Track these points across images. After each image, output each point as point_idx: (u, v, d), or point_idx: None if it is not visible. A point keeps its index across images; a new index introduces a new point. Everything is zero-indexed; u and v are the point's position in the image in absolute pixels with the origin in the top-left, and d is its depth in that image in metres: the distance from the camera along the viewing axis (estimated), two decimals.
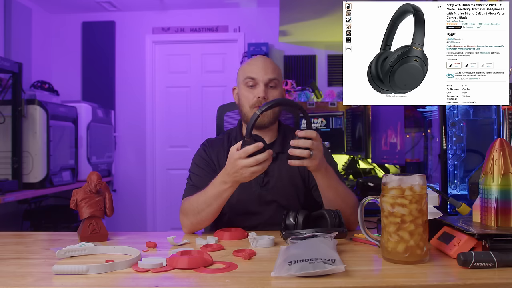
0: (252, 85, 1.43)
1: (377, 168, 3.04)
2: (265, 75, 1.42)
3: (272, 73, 1.43)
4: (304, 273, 0.83)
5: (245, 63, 1.50)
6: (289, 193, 1.44)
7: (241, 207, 1.45)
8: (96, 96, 4.28)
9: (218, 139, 1.56)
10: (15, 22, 3.77)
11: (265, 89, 1.42)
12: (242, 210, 1.45)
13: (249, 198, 1.45)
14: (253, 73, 1.43)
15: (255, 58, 1.48)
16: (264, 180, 1.45)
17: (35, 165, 2.90)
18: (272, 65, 1.46)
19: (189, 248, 1.09)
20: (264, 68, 1.43)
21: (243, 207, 1.45)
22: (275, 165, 1.47)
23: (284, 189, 1.44)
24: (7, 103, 2.78)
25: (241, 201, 1.45)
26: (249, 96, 1.44)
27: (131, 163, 4.43)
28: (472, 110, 1.53)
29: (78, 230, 1.26)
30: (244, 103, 1.45)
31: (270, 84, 1.43)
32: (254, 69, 1.44)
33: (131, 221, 4.34)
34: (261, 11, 4.41)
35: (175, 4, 4.32)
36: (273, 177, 1.45)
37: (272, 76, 1.43)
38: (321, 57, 4.43)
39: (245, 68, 1.47)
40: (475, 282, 0.81)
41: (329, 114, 3.51)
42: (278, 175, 1.46)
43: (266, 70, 1.43)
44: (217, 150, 1.51)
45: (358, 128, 3.11)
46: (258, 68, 1.43)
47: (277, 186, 1.44)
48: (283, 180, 1.46)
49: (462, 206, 1.16)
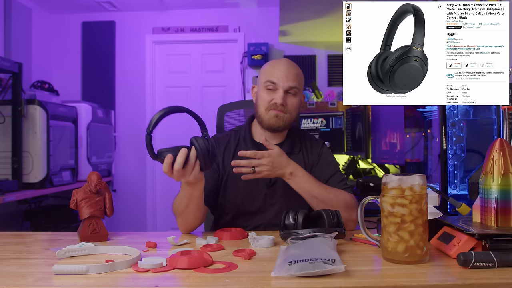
0: (272, 89, 1.43)
1: (377, 168, 3.04)
2: (286, 82, 1.41)
3: (293, 81, 1.42)
4: (304, 273, 0.83)
5: (269, 64, 1.48)
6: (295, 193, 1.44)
7: (246, 206, 1.45)
8: (96, 96, 4.28)
9: (224, 136, 1.55)
10: (15, 22, 3.77)
11: (284, 96, 1.41)
12: (246, 209, 1.45)
13: (255, 198, 1.45)
14: (275, 77, 1.42)
15: (279, 62, 1.46)
16: (271, 180, 1.45)
17: (35, 165, 2.90)
18: (295, 72, 1.45)
19: (189, 248, 1.09)
20: (286, 74, 1.42)
21: (248, 207, 1.45)
22: None
23: (290, 190, 1.44)
24: (7, 103, 2.78)
25: (247, 201, 1.45)
26: (266, 98, 1.43)
27: (131, 163, 4.43)
28: (472, 110, 1.53)
29: (78, 230, 1.26)
30: (261, 105, 1.45)
31: (290, 91, 1.43)
32: (276, 73, 1.42)
33: (131, 221, 4.34)
34: (261, 11, 4.41)
35: (175, 4, 4.32)
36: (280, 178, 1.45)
37: (293, 84, 1.42)
38: (321, 57, 4.43)
39: (268, 70, 1.45)
40: (475, 282, 0.81)
41: (329, 114, 3.51)
42: None
43: (288, 76, 1.42)
44: (223, 148, 1.50)
45: (358, 128, 3.11)
46: (280, 73, 1.42)
47: (284, 186, 1.44)
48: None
49: (462, 206, 1.16)
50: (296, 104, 1.45)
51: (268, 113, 1.43)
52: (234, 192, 1.46)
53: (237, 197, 1.45)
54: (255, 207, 1.45)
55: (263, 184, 1.45)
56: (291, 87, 1.42)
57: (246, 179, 1.32)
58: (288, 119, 1.45)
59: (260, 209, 1.45)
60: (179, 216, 1.33)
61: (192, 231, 1.37)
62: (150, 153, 1.12)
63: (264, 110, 1.44)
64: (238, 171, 1.29)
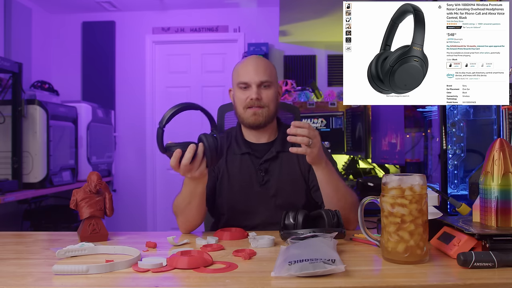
0: (245, 87, 1.45)
1: (377, 168, 3.04)
2: (257, 78, 1.43)
3: (263, 75, 1.44)
4: (304, 273, 0.83)
5: (238, 65, 1.50)
6: (290, 191, 1.45)
7: (241, 206, 1.45)
8: (96, 96, 4.28)
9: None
10: (15, 22, 3.77)
11: (257, 90, 1.43)
12: (242, 209, 1.46)
13: (249, 197, 1.45)
14: (245, 76, 1.44)
15: (247, 61, 1.48)
16: (264, 178, 1.45)
17: (35, 165, 2.90)
18: (264, 66, 1.46)
19: (189, 248, 1.09)
20: (255, 70, 1.43)
21: (243, 206, 1.45)
22: (275, 163, 1.47)
23: (284, 188, 1.44)
24: (7, 103, 2.78)
25: (241, 201, 1.45)
26: (242, 97, 1.45)
27: (131, 163, 4.43)
28: (472, 110, 1.53)
29: (78, 230, 1.26)
30: (238, 105, 1.48)
31: (263, 85, 1.44)
32: (246, 72, 1.44)
33: (131, 221, 4.34)
34: (261, 11, 4.41)
35: (175, 4, 4.32)
36: (274, 176, 1.46)
37: (264, 78, 1.44)
38: (321, 57, 4.43)
39: (238, 71, 1.47)
40: (475, 282, 0.81)
41: (329, 114, 3.51)
42: (279, 173, 1.46)
43: (258, 72, 1.43)
44: None
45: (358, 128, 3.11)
46: (250, 71, 1.44)
47: (278, 184, 1.45)
48: (283, 178, 1.46)
49: (462, 206, 1.16)
50: (272, 96, 1.46)
51: (246, 112, 1.45)
52: (229, 192, 1.47)
53: (232, 197, 1.46)
54: (250, 207, 1.45)
55: (256, 183, 1.46)
56: (263, 81, 1.44)
57: (294, 152, 1.22)
58: (267, 113, 1.45)
59: (256, 208, 1.45)
60: (180, 215, 1.33)
61: (192, 231, 1.37)
62: (159, 147, 1.15)
63: (242, 109, 1.46)
64: (292, 140, 1.19)
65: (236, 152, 1.50)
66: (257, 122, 1.45)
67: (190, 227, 1.35)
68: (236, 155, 1.50)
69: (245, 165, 1.48)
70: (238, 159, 1.49)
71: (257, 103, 1.43)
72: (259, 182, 1.45)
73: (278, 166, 1.47)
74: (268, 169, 1.47)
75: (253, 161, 1.48)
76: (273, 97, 1.47)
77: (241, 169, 1.48)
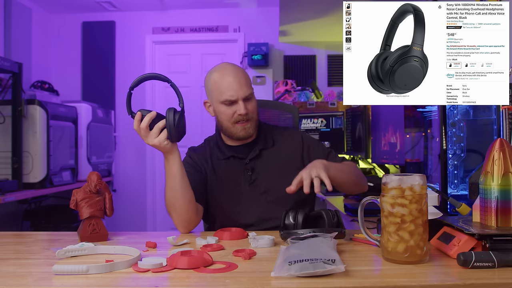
0: (231, 103, 1.42)
1: (377, 168, 3.04)
2: (242, 92, 1.41)
3: (247, 88, 1.42)
4: (304, 273, 0.83)
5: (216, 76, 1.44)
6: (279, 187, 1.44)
7: (232, 208, 1.46)
8: (96, 96, 4.28)
9: (200, 147, 1.58)
10: (15, 22, 3.77)
11: (244, 105, 1.41)
12: (233, 211, 1.46)
13: (239, 197, 1.46)
14: (230, 93, 1.40)
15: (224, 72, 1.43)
16: (252, 177, 1.46)
17: (35, 165, 2.90)
18: (244, 77, 1.44)
19: (189, 248, 1.09)
20: (239, 84, 1.41)
21: (234, 207, 1.46)
22: (261, 161, 1.48)
23: (274, 183, 1.44)
24: (7, 103, 2.78)
25: (232, 202, 1.46)
26: (228, 113, 1.43)
27: (131, 163, 4.43)
28: (472, 110, 1.53)
29: (78, 230, 1.26)
30: (224, 120, 1.45)
31: (248, 97, 1.43)
32: (229, 88, 1.40)
33: (131, 221, 4.34)
34: (261, 11, 4.41)
35: (175, 4, 4.32)
36: (260, 174, 1.47)
37: (248, 92, 1.42)
38: (321, 57, 4.43)
39: (219, 87, 1.42)
40: (475, 282, 0.81)
41: (329, 114, 3.51)
42: (265, 171, 1.47)
43: (241, 86, 1.41)
44: (201, 154, 1.53)
45: (358, 128, 3.11)
46: (233, 86, 1.40)
47: (267, 181, 1.46)
48: (271, 175, 1.46)
49: (462, 206, 1.16)
50: (255, 106, 1.46)
51: (235, 127, 1.44)
52: (219, 196, 1.48)
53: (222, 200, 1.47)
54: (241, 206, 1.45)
55: (244, 183, 1.46)
56: (247, 96, 1.42)
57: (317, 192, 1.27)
58: (254, 124, 1.46)
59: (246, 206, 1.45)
60: (172, 211, 1.34)
61: (190, 228, 1.37)
62: (127, 109, 1.30)
63: (230, 124, 1.44)
64: (307, 190, 1.23)
65: (220, 158, 1.51)
66: (248, 134, 1.46)
67: (185, 223, 1.35)
68: (220, 161, 1.50)
69: (231, 168, 1.49)
70: (223, 163, 1.50)
71: (245, 117, 1.42)
72: (247, 181, 1.46)
73: (263, 163, 1.48)
74: (254, 167, 1.47)
75: (238, 163, 1.49)
76: (256, 107, 1.47)
77: (228, 172, 1.49)
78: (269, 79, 4.28)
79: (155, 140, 1.26)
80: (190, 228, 1.37)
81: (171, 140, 1.28)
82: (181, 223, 1.35)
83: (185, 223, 1.35)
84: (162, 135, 1.26)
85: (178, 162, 1.31)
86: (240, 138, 1.47)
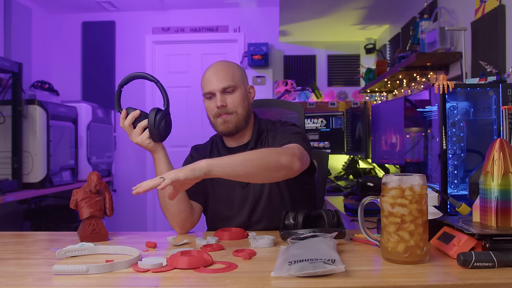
0: (210, 97, 1.44)
1: (377, 168, 3.04)
2: (217, 85, 1.41)
3: (224, 80, 1.41)
4: (304, 273, 0.83)
5: (203, 75, 1.47)
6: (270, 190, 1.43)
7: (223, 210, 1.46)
8: (96, 96, 4.28)
9: (204, 145, 1.58)
10: (15, 22, 3.77)
11: (221, 98, 1.40)
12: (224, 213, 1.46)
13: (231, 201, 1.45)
14: (208, 86, 1.42)
15: (208, 69, 1.46)
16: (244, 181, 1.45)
17: (35, 165, 2.90)
18: (225, 70, 1.43)
19: (189, 248, 1.09)
20: (216, 78, 1.41)
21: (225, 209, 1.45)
22: None
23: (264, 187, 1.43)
24: (7, 103, 2.78)
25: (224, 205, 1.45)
26: (210, 106, 1.44)
27: (131, 163, 4.43)
28: (472, 110, 1.53)
29: (78, 230, 1.26)
30: (209, 115, 1.46)
31: (226, 91, 1.42)
32: (208, 82, 1.42)
33: (131, 221, 4.34)
34: (261, 11, 4.41)
35: (175, 4, 4.32)
36: None
37: (225, 84, 1.41)
38: (321, 57, 4.43)
39: (202, 82, 1.46)
40: (475, 282, 0.81)
41: (329, 114, 3.51)
42: None
43: (219, 79, 1.41)
44: (203, 154, 1.53)
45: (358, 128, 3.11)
46: (211, 80, 1.42)
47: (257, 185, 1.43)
48: None
49: (462, 206, 1.16)
50: (238, 100, 1.42)
51: (216, 121, 1.43)
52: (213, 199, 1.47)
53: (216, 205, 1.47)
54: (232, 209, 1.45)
55: (238, 186, 1.44)
56: (225, 88, 1.41)
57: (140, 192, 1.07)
58: (236, 118, 1.42)
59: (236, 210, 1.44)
60: (165, 211, 1.35)
61: (187, 228, 1.37)
62: (116, 106, 1.33)
63: (213, 119, 1.45)
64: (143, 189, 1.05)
65: None
66: (228, 129, 1.43)
67: (180, 223, 1.35)
68: None
69: None
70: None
71: (224, 110, 1.41)
72: (240, 185, 1.44)
73: None
74: None
75: None
76: (240, 101, 1.42)
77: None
78: (269, 79, 4.28)
79: (138, 138, 1.30)
80: (186, 228, 1.37)
81: (153, 140, 1.30)
82: (176, 223, 1.35)
83: (180, 223, 1.35)
84: (144, 134, 1.29)
85: (164, 161, 1.33)
86: (223, 133, 1.45)
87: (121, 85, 1.33)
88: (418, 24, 2.55)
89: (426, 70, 2.62)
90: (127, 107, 1.32)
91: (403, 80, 3.02)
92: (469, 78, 2.16)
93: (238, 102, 1.42)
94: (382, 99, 3.60)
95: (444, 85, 1.50)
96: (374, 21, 3.78)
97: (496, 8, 1.94)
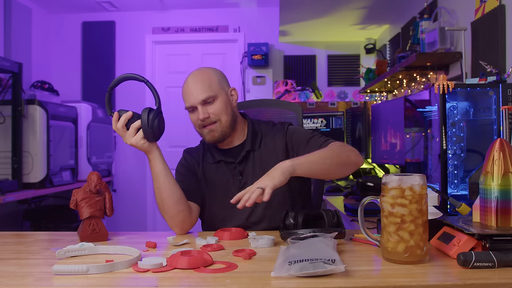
0: (193, 109, 1.44)
1: (377, 168, 3.04)
2: (196, 99, 1.41)
3: (201, 92, 1.41)
4: (304, 273, 0.83)
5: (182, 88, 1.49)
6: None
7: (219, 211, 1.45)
8: (96, 96, 4.28)
9: (196, 148, 1.58)
10: (15, 22, 3.77)
11: (203, 110, 1.41)
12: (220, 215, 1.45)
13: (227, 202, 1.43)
14: (188, 102, 1.43)
15: (186, 82, 1.46)
16: (241, 182, 1.45)
17: (35, 165, 2.90)
18: (201, 81, 1.43)
19: (189, 248, 1.09)
20: (194, 91, 1.42)
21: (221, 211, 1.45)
22: (249, 164, 1.47)
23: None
24: (7, 103, 2.78)
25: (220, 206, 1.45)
26: (193, 119, 1.45)
27: (131, 163, 4.43)
28: (472, 110, 1.53)
29: (78, 230, 1.26)
30: (195, 126, 1.47)
31: (206, 102, 1.42)
32: (187, 96, 1.44)
33: (131, 221, 4.34)
34: (261, 11, 4.41)
35: (175, 4, 4.32)
36: (249, 178, 1.45)
37: (204, 96, 1.41)
38: (321, 57, 4.43)
39: (183, 96, 1.47)
40: (475, 282, 0.81)
41: (329, 114, 3.51)
42: (253, 173, 1.45)
43: (197, 92, 1.41)
44: (194, 156, 1.53)
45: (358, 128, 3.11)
46: (190, 93, 1.43)
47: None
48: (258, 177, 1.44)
49: (462, 206, 1.16)
50: (220, 108, 1.42)
51: (202, 131, 1.45)
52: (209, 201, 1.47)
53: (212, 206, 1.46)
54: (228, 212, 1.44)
55: (234, 188, 1.44)
56: (204, 100, 1.41)
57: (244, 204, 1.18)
58: (220, 126, 1.43)
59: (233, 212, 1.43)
60: (163, 213, 1.35)
61: (185, 229, 1.36)
62: (107, 109, 1.35)
63: (199, 130, 1.46)
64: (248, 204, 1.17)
65: (210, 161, 1.50)
66: (215, 138, 1.43)
67: (179, 224, 1.35)
68: (211, 164, 1.49)
69: (220, 172, 1.48)
70: (213, 168, 1.49)
71: (207, 121, 1.41)
72: (237, 186, 1.44)
73: (251, 166, 1.46)
74: (243, 171, 1.46)
75: (228, 167, 1.48)
76: (222, 108, 1.43)
77: (218, 177, 1.48)
78: (269, 79, 4.28)
79: (132, 139, 1.29)
80: (185, 229, 1.36)
81: (147, 140, 1.29)
82: (174, 224, 1.35)
83: (179, 224, 1.35)
84: (138, 135, 1.29)
85: (159, 162, 1.33)
86: (211, 142, 1.46)
87: (111, 88, 1.33)
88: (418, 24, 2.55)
89: (426, 70, 2.62)
90: (118, 109, 1.31)
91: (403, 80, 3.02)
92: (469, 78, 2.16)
93: (221, 110, 1.42)
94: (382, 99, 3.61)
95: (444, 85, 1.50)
96: (374, 21, 3.78)
97: (496, 8, 1.94)
